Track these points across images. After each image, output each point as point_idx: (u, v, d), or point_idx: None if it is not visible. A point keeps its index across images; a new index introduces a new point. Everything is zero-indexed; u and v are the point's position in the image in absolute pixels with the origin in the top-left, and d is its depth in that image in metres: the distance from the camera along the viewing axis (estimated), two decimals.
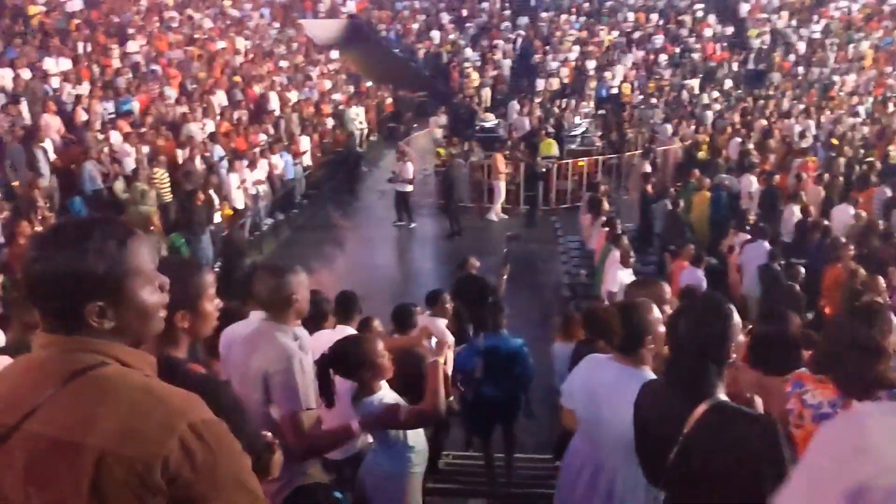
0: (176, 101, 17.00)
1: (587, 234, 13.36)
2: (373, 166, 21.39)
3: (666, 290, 4.00)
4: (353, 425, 3.36)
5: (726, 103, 24.23)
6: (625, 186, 17.64)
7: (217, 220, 12.81)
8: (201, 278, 2.43)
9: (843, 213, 12.05)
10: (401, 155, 16.77)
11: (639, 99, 24.76)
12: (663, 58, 28.19)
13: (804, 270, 9.59)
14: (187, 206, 12.32)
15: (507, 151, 17.48)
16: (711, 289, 9.04)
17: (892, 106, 22.07)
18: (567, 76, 26.78)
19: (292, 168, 16.58)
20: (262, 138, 16.68)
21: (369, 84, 26.31)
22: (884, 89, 24.80)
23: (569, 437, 7.08)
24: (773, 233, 11.62)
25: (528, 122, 20.51)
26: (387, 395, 3.56)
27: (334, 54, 27.85)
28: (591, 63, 27.18)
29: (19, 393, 1.50)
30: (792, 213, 12.24)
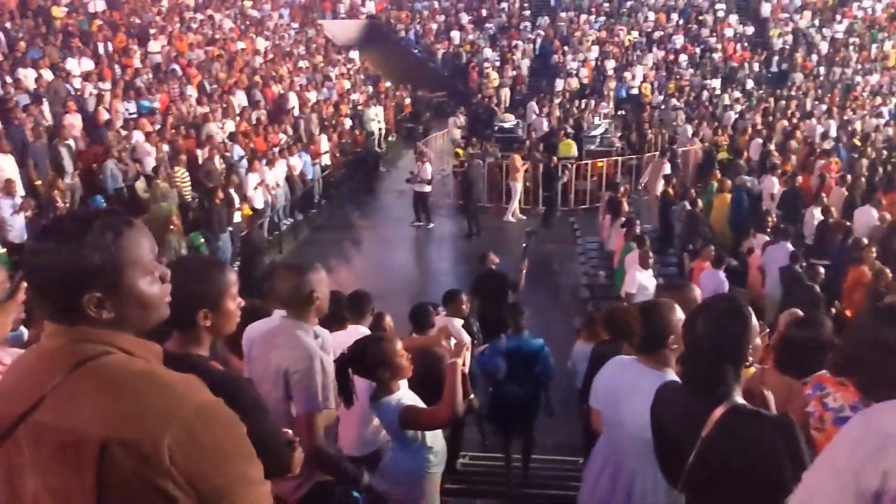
0: (197, 101, 17.11)
1: (606, 235, 13.31)
2: (391, 166, 21.43)
3: (697, 294, 3.94)
4: (364, 479, 3.34)
5: (747, 104, 24.06)
6: (644, 188, 17.55)
7: (237, 219, 12.89)
8: (224, 277, 2.43)
9: (866, 215, 11.91)
10: (419, 155, 16.78)
11: (659, 99, 24.65)
12: (683, 58, 28.05)
13: (825, 272, 9.50)
14: (206, 204, 12.40)
15: (524, 152, 17.45)
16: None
17: None
18: (586, 76, 26.71)
19: (311, 168, 16.66)
20: (282, 138, 16.76)
21: (388, 84, 26.37)
22: None
23: (596, 437, 7.16)
24: (796, 234, 11.52)
25: (547, 122, 20.45)
26: (405, 395, 3.55)
27: (354, 55, 27.91)
28: (611, 63, 27.09)
29: (27, 383, 1.51)
30: (814, 215, 12.13)
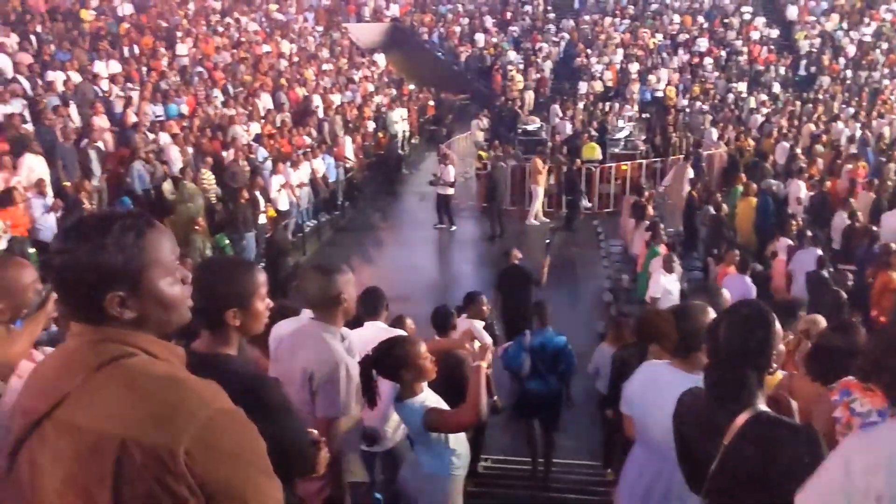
0: (224, 103, 17.25)
1: (629, 239, 13.25)
2: (414, 169, 21.46)
3: (727, 298, 3.90)
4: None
5: (773, 107, 23.84)
6: (665, 192, 17.46)
7: (261, 221, 12.98)
8: (254, 277, 2.45)
9: (894, 219, 11.77)
10: (442, 157, 16.81)
11: (683, 103, 24.49)
12: (708, 61, 27.84)
13: (852, 277, 9.41)
14: (231, 205, 12.51)
15: (546, 155, 17.41)
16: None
17: None
18: (611, 79, 26.60)
19: (334, 170, 16.73)
20: (306, 141, 16.85)
21: (412, 87, 26.41)
22: None
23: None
24: (824, 239, 11.42)
25: (571, 125, 20.40)
26: (429, 398, 3.56)
27: (378, 57, 27.99)
28: (635, 66, 26.96)
29: (51, 381, 1.54)
30: (843, 220, 12.01)
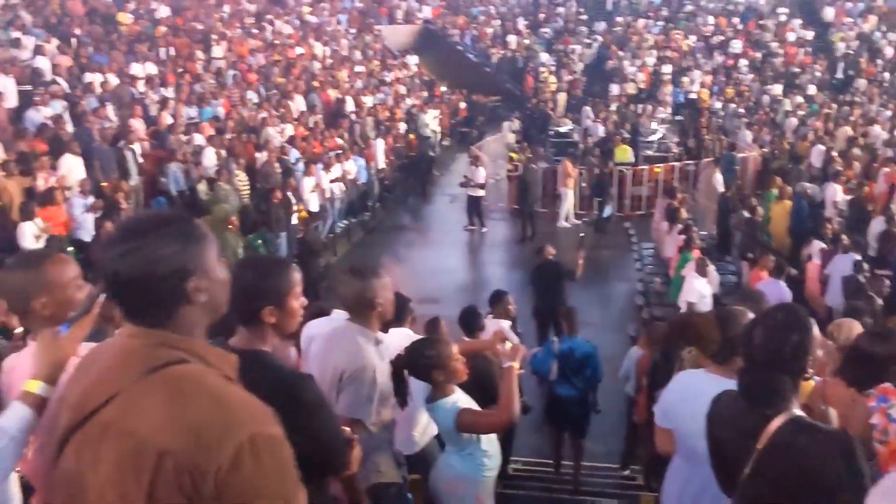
0: (258, 105, 17.40)
1: (662, 242, 13.15)
2: (445, 170, 21.48)
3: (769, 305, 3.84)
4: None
5: (809, 109, 23.49)
6: (694, 194, 17.30)
7: (293, 221, 13.08)
8: (290, 275, 2.48)
9: None
10: (473, 159, 16.81)
11: (717, 105, 24.23)
12: (743, 63, 27.52)
13: (889, 283, 9.24)
14: (264, 206, 12.63)
15: (577, 158, 17.33)
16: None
17: None
18: (643, 81, 26.40)
19: (365, 172, 16.80)
20: (338, 142, 16.94)
21: (443, 89, 26.45)
22: None
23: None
24: (862, 244, 11.23)
25: (603, 127, 20.29)
26: (460, 399, 3.56)
27: (410, 59, 28.06)
28: (668, 68, 26.74)
29: (101, 380, 1.55)
30: (880, 225, 11.80)
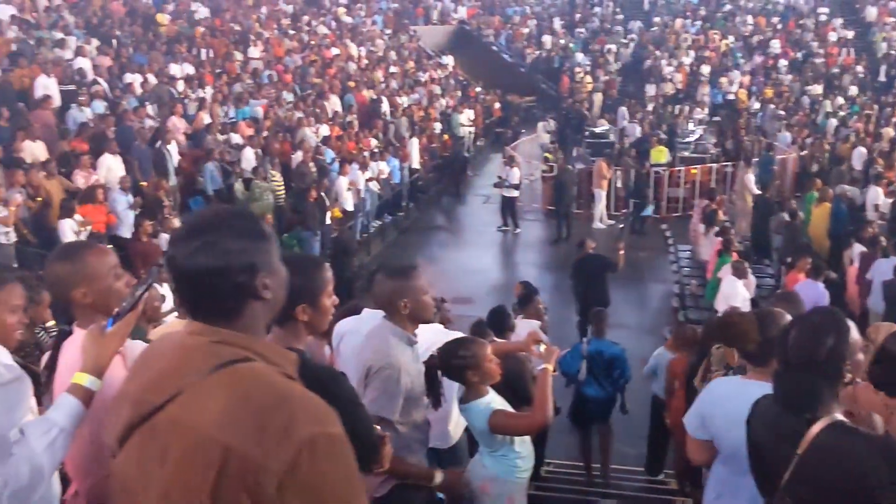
0: (294, 105, 17.55)
1: (699, 244, 13.00)
2: (479, 171, 21.47)
3: (803, 307, 3.77)
4: (438, 477, 3.34)
5: (850, 111, 23.05)
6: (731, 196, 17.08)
7: (327, 221, 13.17)
8: (323, 274, 2.51)
9: None
10: (508, 160, 16.78)
11: (756, 106, 23.90)
12: (783, 63, 27.11)
13: None
14: (299, 205, 12.72)
15: (612, 158, 17.22)
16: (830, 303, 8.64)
17: None
18: (681, 81, 26.15)
19: (399, 172, 16.85)
20: (373, 143, 17.01)
21: (478, 89, 26.43)
22: None
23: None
24: None
25: (640, 128, 20.12)
26: (494, 400, 3.54)
27: (445, 60, 28.11)
28: (707, 68, 26.44)
29: (166, 376, 1.56)
30: None
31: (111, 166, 11.67)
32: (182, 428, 1.48)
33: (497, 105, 26.08)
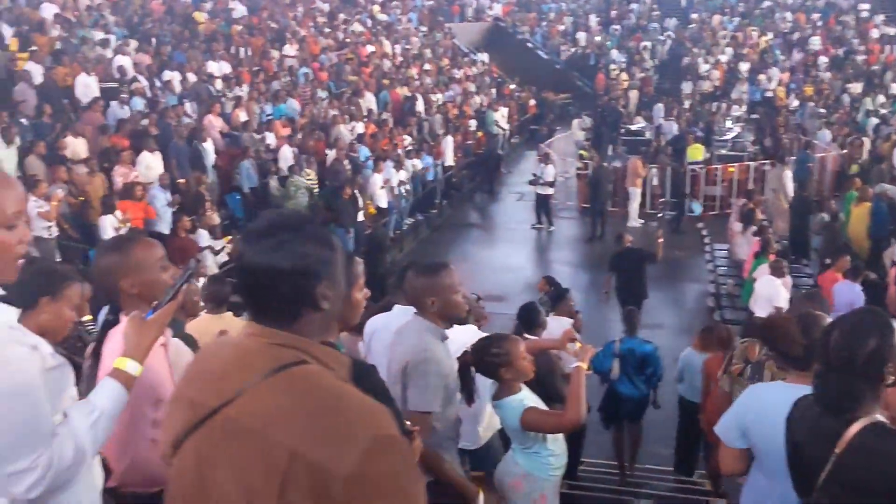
0: (329, 103, 17.65)
1: (736, 244, 12.84)
2: (513, 168, 21.41)
3: (826, 306, 3.72)
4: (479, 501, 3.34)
5: (892, 108, 22.54)
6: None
7: (361, 218, 13.23)
8: (354, 268, 2.51)
9: None
10: (543, 157, 16.71)
11: (795, 104, 23.50)
12: (823, 60, 26.62)
13: None
14: (333, 202, 12.80)
15: (646, 156, 17.07)
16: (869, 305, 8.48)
17: None
18: (718, 78, 25.82)
19: (433, 169, 16.86)
20: (407, 140, 17.04)
21: (513, 86, 26.35)
22: None
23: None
24: None
25: (677, 125, 19.91)
26: (527, 397, 3.53)
27: (480, 57, 28.06)
28: (745, 65, 26.07)
29: (224, 378, 1.55)
30: None
31: (150, 163, 11.85)
32: (245, 432, 1.48)
33: (532, 102, 25.97)
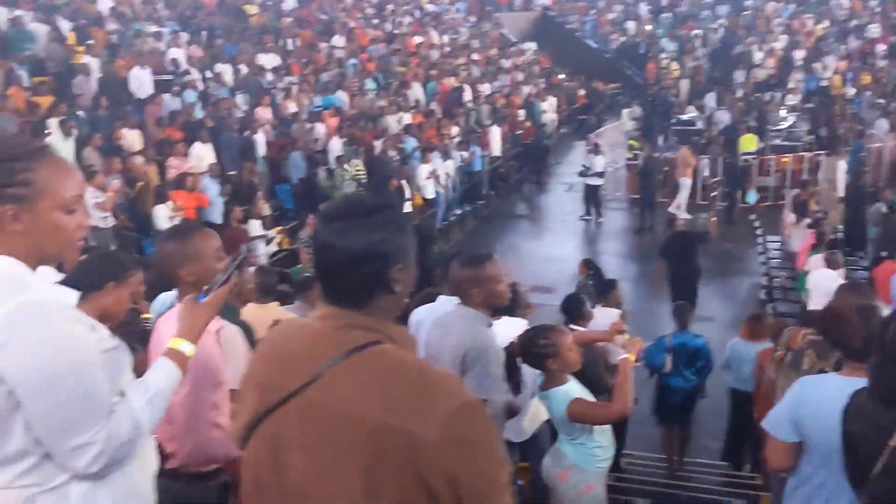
0: (376, 94, 17.73)
1: (789, 235, 12.61)
2: (562, 158, 21.25)
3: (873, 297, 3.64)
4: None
5: None
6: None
7: (408, 209, 13.28)
8: None
9: None
10: (593, 147, 16.56)
11: (851, 92, 22.85)
12: (881, 48, 25.82)
13: None
14: (381, 193, 12.87)
15: (697, 146, 16.79)
16: None
17: None
18: (772, 67, 25.24)
19: (480, 159, 16.83)
20: (454, 131, 17.04)
21: (561, 76, 26.14)
22: None
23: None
24: None
25: (729, 115, 19.54)
26: (574, 388, 3.53)
27: (528, 46, 27.88)
28: (800, 53, 25.45)
29: (300, 360, 1.58)
30: None
31: (202, 154, 12.06)
32: (327, 412, 1.51)
33: (581, 92, 25.73)
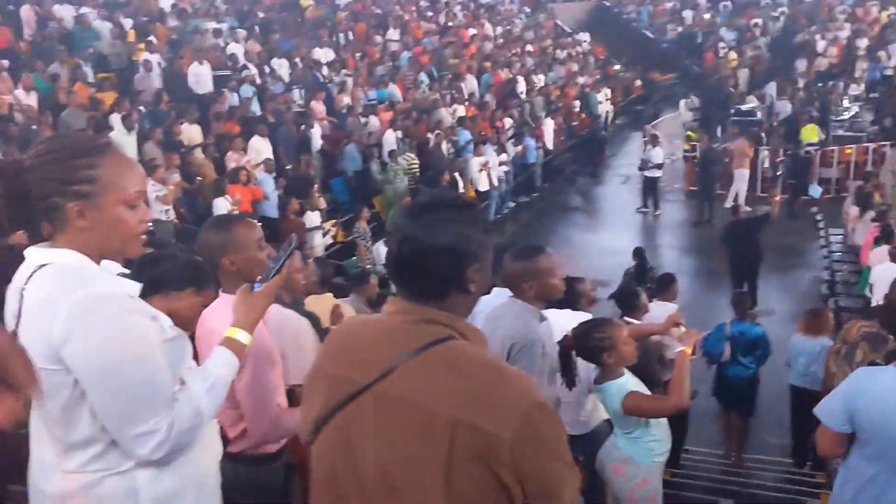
0: (430, 87, 17.77)
1: (852, 228, 12.28)
2: (618, 150, 21.00)
3: None
4: None
5: None
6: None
7: None
8: None
9: None
10: (651, 139, 16.33)
11: None
12: None
13: None
14: (432, 187, 12.91)
15: (758, 137, 16.43)
16: None
17: None
18: (835, 56, 24.51)
19: (534, 152, 16.73)
20: (508, 123, 16.97)
21: (617, 67, 25.81)
22: None
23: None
24: None
25: (791, 105, 19.06)
26: (629, 381, 3.51)
27: (583, 37, 27.59)
28: (864, 42, 24.64)
29: (373, 354, 1.60)
30: None
31: (259, 149, 12.25)
32: (404, 406, 1.52)
33: (638, 83, 25.38)
